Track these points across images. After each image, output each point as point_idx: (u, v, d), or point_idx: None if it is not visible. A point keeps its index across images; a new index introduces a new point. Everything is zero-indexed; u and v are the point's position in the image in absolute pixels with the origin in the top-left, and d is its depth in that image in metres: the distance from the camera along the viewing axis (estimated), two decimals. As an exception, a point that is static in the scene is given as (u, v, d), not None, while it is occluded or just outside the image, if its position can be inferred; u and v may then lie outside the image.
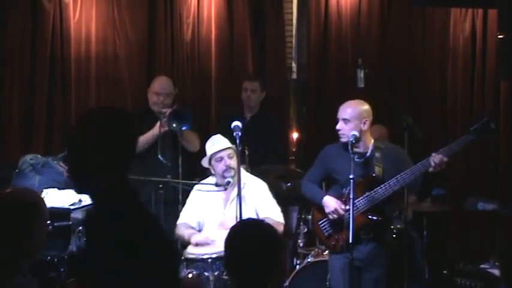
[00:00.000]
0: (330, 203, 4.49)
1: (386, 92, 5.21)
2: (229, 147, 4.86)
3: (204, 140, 5.54)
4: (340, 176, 4.50)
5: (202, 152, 5.13)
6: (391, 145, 4.73)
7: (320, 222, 4.61)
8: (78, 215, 5.27)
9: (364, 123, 4.48)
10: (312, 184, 4.68)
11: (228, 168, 4.83)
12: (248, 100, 6.17)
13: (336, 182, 4.58)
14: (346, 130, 4.45)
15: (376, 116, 4.63)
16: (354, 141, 4.36)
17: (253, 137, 4.53)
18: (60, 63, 6.48)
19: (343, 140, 4.47)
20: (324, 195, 4.56)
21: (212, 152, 4.89)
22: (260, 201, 4.92)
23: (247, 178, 4.97)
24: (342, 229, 4.43)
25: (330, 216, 4.50)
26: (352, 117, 4.46)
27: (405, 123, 4.81)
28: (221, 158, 4.86)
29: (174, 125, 5.39)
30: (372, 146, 4.52)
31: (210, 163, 4.94)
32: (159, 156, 5.24)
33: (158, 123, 5.44)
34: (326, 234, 4.60)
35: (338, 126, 4.48)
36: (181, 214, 5.04)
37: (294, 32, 6.80)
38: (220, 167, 4.87)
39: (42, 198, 2.68)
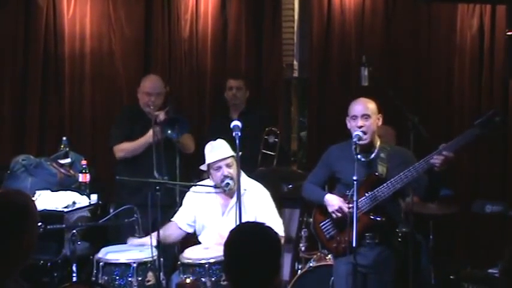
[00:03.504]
0: (333, 201, 4.44)
1: (391, 91, 5.19)
2: (228, 157, 4.82)
3: (198, 140, 5.54)
4: (344, 177, 4.44)
5: (199, 153, 5.11)
6: (398, 147, 4.70)
7: (322, 224, 4.56)
8: (72, 218, 5.27)
9: (379, 119, 4.47)
10: (314, 185, 4.64)
11: (226, 177, 4.81)
12: (234, 98, 6.16)
13: (340, 183, 4.54)
14: (367, 127, 4.38)
15: (380, 116, 4.61)
16: (357, 142, 4.31)
17: (242, 138, 4.47)
18: (53, 60, 6.48)
19: (366, 138, 4.38)
20: (326, 194, 4.52)
21: (210, 162, 4.86)
22: (261, 211, 4.86)
23: (249, 184, 4.92)
24: (344, 231, 4.37)
25: (334, 215, 4.43)
26: (372, 113, 4.42)
27: (411, 123, 4.80)
28: (219, 168, 4.83)
29: (169, 132, 5.36)
30: (378, 146, 4.48)
31: (208, 169, 4.92)
32: (155, 173, 5.14)
33: (151, 131, 5.38)
34: (328, 236, 4.55)
35: (360, 123, 4.37)
36: (176, 214, 5.04)
37: (295, 29, 6.80)
38: (218, 176, 4.84)
39: (33, 200, 2.67)
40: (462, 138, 4.25)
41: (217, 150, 4.86)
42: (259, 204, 4.88)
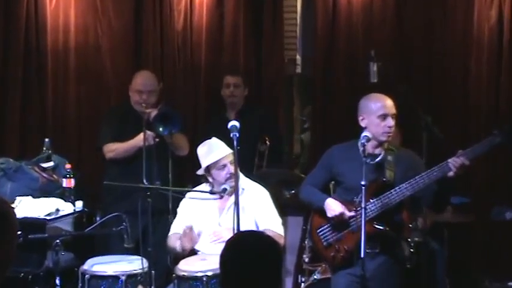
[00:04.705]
0: (334, 206, 4.38)
1: (403, 88, 5.18)
2: (230, 153, 4.79)
3: (192, 140, 5.49)
4: (346, 180, 4.42)
5: (193, 156, 5.06)
6: (404, 150, 4.65)
7: (319, 230, 4.51)
8: (55, 227, 5.20)
9: None
10: (313, 188, 4.58)
11: (232, 175, 4.76)
12: (231, 96, 6.15)
13: (341, 186, 4.51)
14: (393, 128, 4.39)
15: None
16: (366, 143, 4.23)
17: (240, 139, 4.47)
18: (35, 55, 6.43)
19: (389, 139, 4.37)
20: (327, 198, 4.46)
21: (213, 161, 4.82)
22: (260, 211, 4.85)
23: (247, 184, 4.91)
24: (343, 238, 4.37)
25: (333, 221, 4.39)
26: None
27: (424, 123, 4.89)
28: (224, 166, 4.81)
29: (160, 129, 5.29)
30: (384, 148, 4.44)
31: (208, 171, 4.87)
32: (144, 180, 5.08)
33: (142, 135, 5.31)
34: (325, 243, 4.49)
35: (391, 123, 4.34)
36: (172, 225, 4.99)
37: (298, 21, 6.80)
38: (223, 175, 4.82)
39: (12, 207, 2.61)
40: (480, 146, 4.25)
41: (218, 149, 4.84)
42: (258, 204, 4.87)
